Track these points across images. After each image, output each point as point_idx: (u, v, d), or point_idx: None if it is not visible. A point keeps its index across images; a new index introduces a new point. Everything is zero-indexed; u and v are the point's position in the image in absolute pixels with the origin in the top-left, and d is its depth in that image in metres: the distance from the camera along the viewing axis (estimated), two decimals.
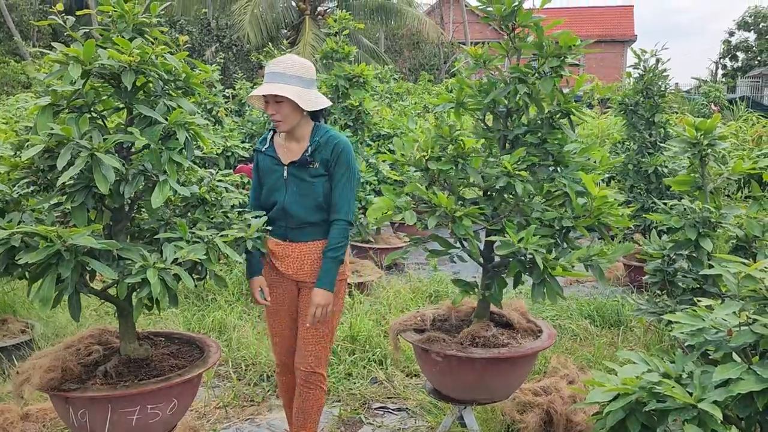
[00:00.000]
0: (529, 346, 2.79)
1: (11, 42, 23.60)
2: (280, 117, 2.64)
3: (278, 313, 2.87)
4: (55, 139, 2.31)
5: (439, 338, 2.94)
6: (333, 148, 2.68)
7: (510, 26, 2.75)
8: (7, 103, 12.57)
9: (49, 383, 2.47)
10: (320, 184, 2.68)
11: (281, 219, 2.75)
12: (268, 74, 2.64)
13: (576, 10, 35.92)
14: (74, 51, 2.34)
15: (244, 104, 8.79)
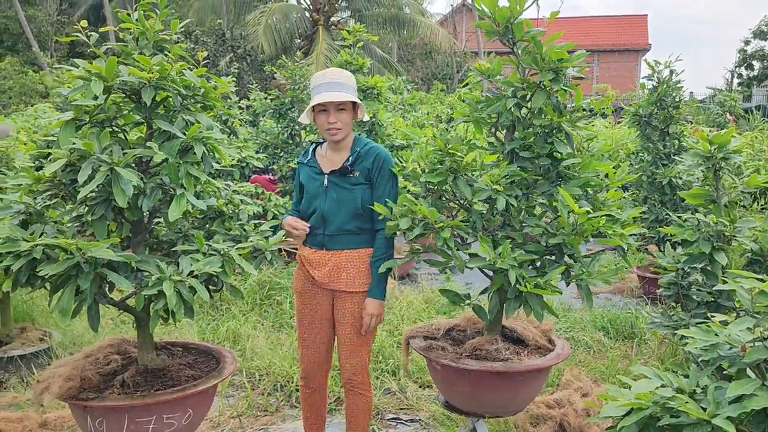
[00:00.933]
0: (528, 363, 2.74)
1: (30, 52, 23.97)
2: (341, 125, 2.75)
3: (311, 324, 2.90)
4: (77, 153, 2.37)
5: (438, 347, 2.95)
6: (375, 159, 2.78)
7: (511, 40, 2.76)
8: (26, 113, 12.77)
9: (67, 392, 2.51)
10: (359, 192, 2.77)
11: (319, 226, 2.81)
12: (328, 83, 2.74)
13: (590, 20, 35.88)
14: (97, 67, 2.39)
15: (259, 115, 8.87)
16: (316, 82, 2.79)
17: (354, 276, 2.79)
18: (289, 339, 4.61)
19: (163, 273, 2.37)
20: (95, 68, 2.40)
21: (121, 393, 2.55)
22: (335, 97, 2.69)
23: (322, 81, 2.77)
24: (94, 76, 2.40)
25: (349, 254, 2.79)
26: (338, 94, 2.70)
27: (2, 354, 4.01)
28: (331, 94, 2.70)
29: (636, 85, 28.96)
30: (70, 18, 28.29)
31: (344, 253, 2.79)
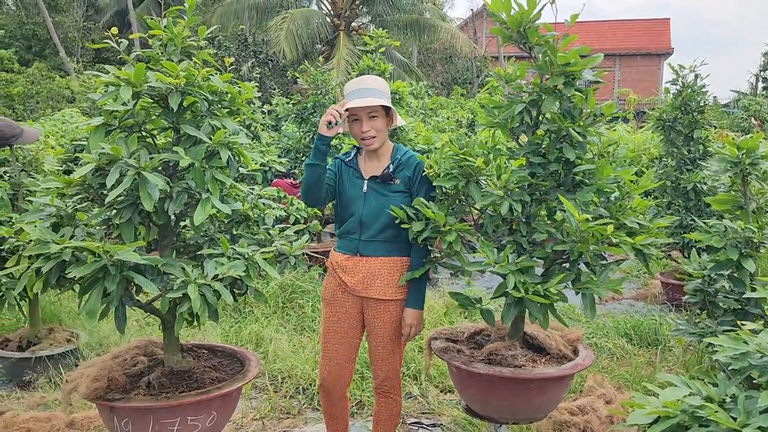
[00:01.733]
0: (539, 371, 2.70)
1: (57, 58, 24.43)
2: (374, 132, 2.73)
3: (337, 332, 2.87)
4: (105, 158, 2.41)
5: (454, 349, 2.95)
6: (416, 168, 2.79)
7: (527, 45, 2.74)
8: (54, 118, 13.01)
9: (95, 392, 2.55)
10: (398, 200, 2.76)
11: (355, 231, 2.81)
12: (360, 90, 2.72)
13: (612, 24, 35.58)
14: (126, 74, 2.44)
15: (281, 119, 8.93)
16: (348, 89, 2.78)
17: (387, 284, 2.78)
18: (311, 342, 4.63)
19: (188, 276, 2.40)
20: (124, 74, 2.44)
21: (147, 394, 2.58)
22: (364, 102, 2.66)
23: (353, 88, 2.76)
24: (123, 82, 2.44)
25: (383, 261, 2.78)
26: (367, 100, 2.67)
27: (30, 354, 4.09)
28: (360, 100, 2.68)
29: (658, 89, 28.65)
30: (95, 24, 28.78)
31: (378, 260, 2.78)
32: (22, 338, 4.28)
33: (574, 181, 2.76)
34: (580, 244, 2.51)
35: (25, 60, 23.97)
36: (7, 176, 4.23)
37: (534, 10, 2.62)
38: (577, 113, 2.72)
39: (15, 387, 4.11)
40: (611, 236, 2.47)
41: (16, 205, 4.15)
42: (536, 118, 2.78)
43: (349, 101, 2.72)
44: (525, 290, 2.52)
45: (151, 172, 2.38)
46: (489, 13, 2.81)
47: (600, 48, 2.76)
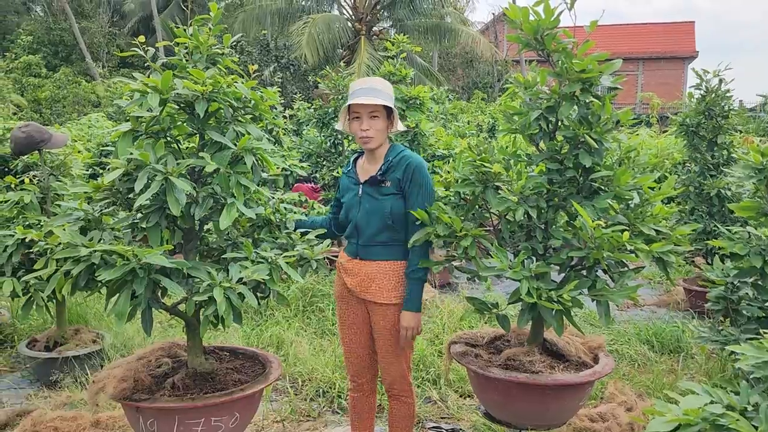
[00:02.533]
0: (555, 378, 2.68)
1: (83, 63, 24.86)
2: (372, 133, 2.74)
3: (350, 331, 2.96)
4: (133, 163, 2.47)
5: (472, 353, 2.95)
6: (405, 168, 2.76)
7: (545, 52, 2.74)
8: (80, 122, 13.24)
9: (121, 393, 2.61)
10: (389, 202, 2.76)
11: (354, 236, 2.86)
12: (364, 89, 2.73)
13: (635, 27, 35.25)
14: (153, 81, 2.49)
15: (302, 124, 9.00)
16: (353, 88, 2.81)
17: (384, 287, 2.80)
18: (331, 346, 4.67)
19: (214, 280, 2.45)
20: (152, 81, 2.49)
21: (172, 395, 2.63)
22: (367, 100, 2.68)
23: (358, 87, 2.78)
24: (151, 89, 2.50)
25: (380, 265, 2.81)
26: (370, 98, 2.69)
27: (57, 355, 4.17)
28: (363, 98, 2.70)
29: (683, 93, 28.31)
30: (121, 30, 29.25)
31: (375, 263, 2.81)
32: (49, 339, 4.37)
33: (592, 188, 2.75)
34: (595, 250, 2.51)
35: (52, 65, 24.44)
36: (36, 180, 4.33)
37: (551, 17, 2.63)
38: (594, 120, 2.71)
39: (42, 386, 4.20)
40: (627, 243, 2.47)
41: (45, 208, 4.25)
42: (554, 124, 2.79)
43: (352, 98, 2.75)
44: (538, 296, 2.53)
45: (177, 177, 2.43)
46: (506, 20, 2.82)
47: (623, 51, 2.76)
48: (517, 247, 2.85)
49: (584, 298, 2.63)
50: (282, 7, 21.62)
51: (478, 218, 2.98)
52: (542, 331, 2.97)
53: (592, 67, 2.58)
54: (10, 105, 16.33)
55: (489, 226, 3.03)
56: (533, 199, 2.72)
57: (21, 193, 4.09)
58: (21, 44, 23.87)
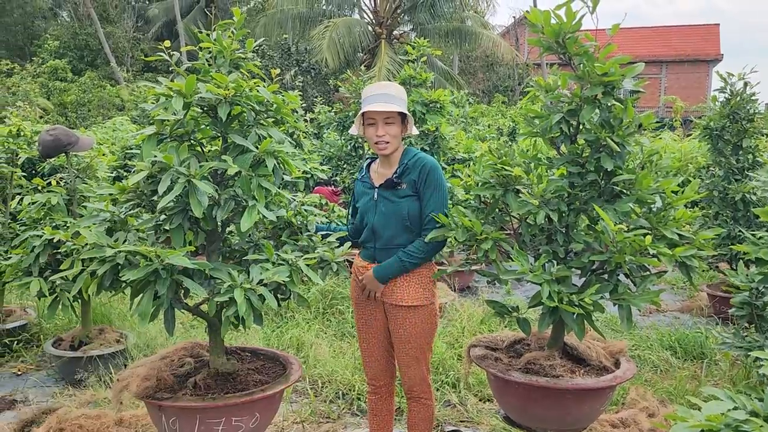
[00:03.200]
0: (576, 382, 2.66)
1: (108, 67, 25.26)
2: (388, 138, 2.77)
3: (368, 334, 2.98)
4: (158, 166, 2.51)
5: (492, 357, 2.95)
6: (420, 170, 2.78)
7: (566, 55, 2.73)
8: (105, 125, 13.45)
9: (144, 391, 2.65)
10: (406, 204, 2.78)
11: (371, 240, 2.87)
12: (379, 95, 2.76)
13: (659, 30, 34.87)
14: (177, 85, 2.54)
15: (323, 127, 9.05)
16: (367, 93, 2.82)
17: (403, 290, 2.81)
18: (351, 348, 4.69)
19: (235, 281, 2.48)
20: (176, 86, 2.54)
21: (194, 394, 2.67)
22: (382, 107, 2.70)
23: (372, 92, 2.80)
24: (175, 93, 2.54)
25: None
26: (385, 105, 2.71)
27: (82, 354, 4.24)
28: (378, 105, 2.72)
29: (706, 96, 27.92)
30: (144, 34, 29.67)
31: None
32: (74, 338, 4.45)
33: (613, 191, 2.74)
34: (617, 254, 2.49)
35: (78, 69, 24.88)
36: (63, 182, 4.42)
37: (573, 20, 2.62)
38: (616, 123, 2.69)
39: (67, 385, 4.27)
40: (649, 247, 2.45)
41: (71, 210, 4.33)
42: (576, 127, 2.78)
43: (367, 105, 2.76)
44: (559, 300, 2.52)
45: (200, 179, 2.47)
46: (528, 24, 2.82)
47: (646, 54, 2.74)
48: (538, 250, 2.84)
49: (605, 303, 2.61)
50: (303, 11, 21.77)
51: (498, 222, 2.97)
52: (563, 335, 2.96)
53: (614, 70, 2.56)
54: (37, 109, 16.64)
55: (509, 230, 3.02)
56: (554, 203, 2.71)
57: (48, 195, 4.18)
58: (48, 49, 24.34)
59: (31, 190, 4.71)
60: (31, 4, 28.00)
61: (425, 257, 2.81)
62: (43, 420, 3.58)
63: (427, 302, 2.84)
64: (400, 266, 2.77)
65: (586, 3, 2.65)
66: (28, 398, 4.12)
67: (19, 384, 4.36)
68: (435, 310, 2.90)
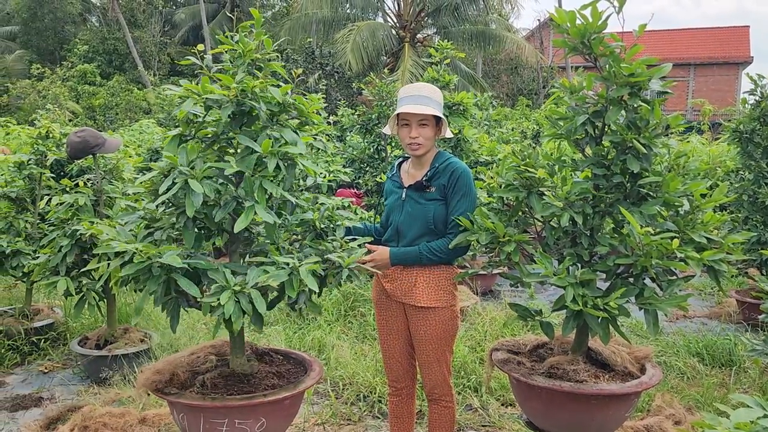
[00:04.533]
0: (600, 387, 2.62)
1: (135, 71, 25.66)
2: (422, 140, 2.76)
3: (389, 336, 2.97)
4: (167, 165, 2.54)
5: (515, 361, 2.91)
6: (450, 175, 2.77)
7: (592, 56, 2.69)
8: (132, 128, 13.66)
9: (152, 384, 2.67)
10: (432, 207, 2.77)
11: (394, 239, 2.87)
12: (414, 96, 2.75)
13: (687, 32, 34.37)
14: (193, 87, 2.58)
15: (346, 130, 9.08)
16: (403, 94, 2.82)
17: (425, 291, 2.79)
18: (372, 350, 4.68)
19: (227, 283, 2.43)
20: (192, 87, 2.57)
21: (199, 393, 2.66)
22: (417, 109, 2.70)
23: (407, 93, 2.79)
24: (190, 95, 2.59)
25: (422, 270, 2.81)
26: (420, 107, 2.71)
27: (107, 353, 4.30)
28: (413, 106, 2.72)
29: (736, 99, 27.41)
30: (171, 39, 30.08)
31: (417, 268, 2.81)
32: (99, 337, 4.51)
33: (639, 194, 2.69)
34: (643, 258, 2.45)
35: (106, 73, 25.32)
36: (90, 183, 4.49)
37: (599, 21, 2.59)
38: (642, 124, 2.65)
39: (92, 383, 4.33)
40: (677, 251, 2.40)
41: (98, 210, 4.39)
42: (601, 129, 2.74)
43: (402, 106, 2.76)
44: (584, 303, 2.48)
45: (200, 180, 2.46)
46: (553, 25, 2.79)
47: (673, 57, 2.69)
48: (562, 253, 2.80)
49: (630, 308, 2.57)
50: (327, 15, 21.89)
51: (521, 224, 2.95)
52: (587, 339, 2.92)
53: (640, 70, 2.53)
54: (67, 112, 16.96)
55: (531, 233, 3.00)
56: (579, 205, 2.68)
57: (76, 196, 4.25)
58: (77, 53, 24.83)
59: (59, 191, 4.79)
60: (62, 10, 28.54)
61: (446, 258, 2.80)
62: (69, 417, 3.63)
63: (447, 304, 2.82)
64: (417, 257, 2.77)
65: (612, 3, 2.62)
66: (55, 396, 4.19)
67: (46, 382, 4.43)
68: (455, 312, 2.88)
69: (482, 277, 6.76)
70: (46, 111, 9.46)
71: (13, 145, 9.50)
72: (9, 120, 10.41)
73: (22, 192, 4.90)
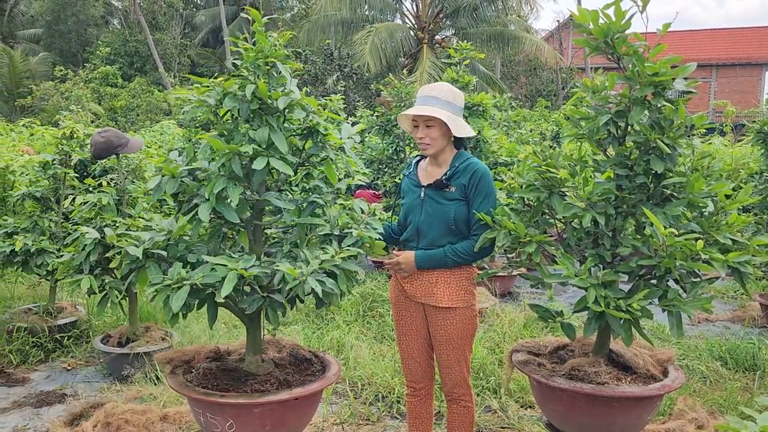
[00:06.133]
0: (622, 390, 2.60)
1: (156, 73, 25.92)
2: (428, 140, 2.77)
3: (407, 336, 2.96)
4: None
5: (535, 362, 2.90)
6: (471, 175, 2.76)
7: (615, 55, 2.67)
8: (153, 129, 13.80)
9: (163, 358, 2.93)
10: (453, 208, 2.76)
11: (414, 239, 2.86)
12: (422, 97, 2.79)
13: (709, 33, 33.94)
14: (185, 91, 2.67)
15: (365, 131, 9.09)
16: (417, 94, 2.86)
17: (446, 291, 2.79)
18: (390, 351, 4.68)
19: (181, 274, 2.46)
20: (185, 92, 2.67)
21: (193, 380, 2.78)
22: (418, 111, 2.73)
23: (420, 94, 2.82)
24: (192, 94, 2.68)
25: (443, 270, 2.80)
26: (424, 108, 2.73)
27: (129, 350, 4.35)
28: (418, 107, 2.75)
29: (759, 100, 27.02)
30: (192, 41, 30.35)
31: (438, 268, 2.81)
32: (121, 335, 4.56)
33: (663, 195, 2.66)
34: (666, 259, 2.43)
35: (127, 75, 25.61)
36: (113, 183, 4.54)
37: (622, 20, 2.57)
38: (666, 124, 2.62)
39: (115, 380, 4.38)
40: (701, 252, 2.38)
41: (121, 209, 4.45)
42: (624, 129, 2.72)
43: (410, 108, 2.80)
44: (606, 305, 2.46)
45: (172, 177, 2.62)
46: (574, 24, 2.77)
47: (695, 58, 2.66)
48: (583, 254, 2.79)
49: (652, 310, 2.54)
50: (346, 17, 21.95)
51: (542, 225, 2.93)
52: (608, 341, 2.90)
53: (665, 70, 2.50)
54: (89, 113, 17.18)
55: (552, 234, 2.98)
56: (601, 206, 2.66)
57: (99, 195, 4.31)
58: (99, 55, 25.13)
59: (83, 190, 4.86)
60: (84, 13, 28.92)
61: (470, 260, 2.80)
62: (92, 414, 3.68)
63: (467, 304, 2.82)
64: (443, 260, 2.76)
65: (636, 2, 2.60)
66: (78, 392, 4.25)
67: (69, 379, 4.49)
68: (475, 311, 2.88)
69: (500, 278, 6.74)
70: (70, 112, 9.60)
71: (38, 146, 9.64)
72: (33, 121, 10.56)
73: (47, 191, 4.97)
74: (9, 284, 6.58)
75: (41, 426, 3.72)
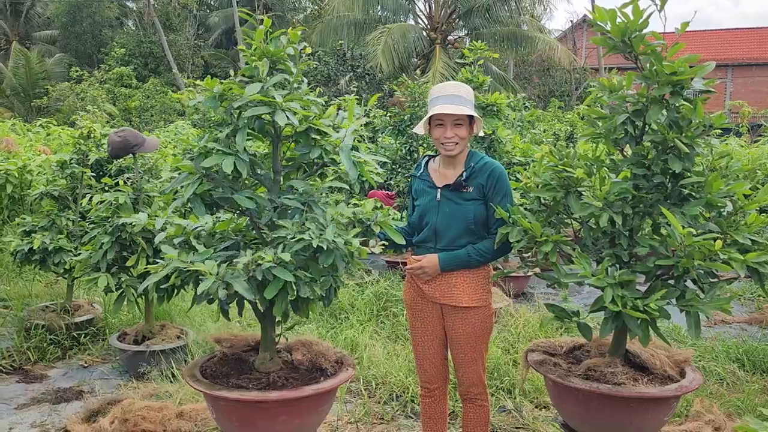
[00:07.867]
0: (638, 390, 2.59)
1: (170, 74, 26.09)
2: (457, 140, 2.75)
3: (423, 337, 2.95)
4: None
5: (551, 362, 2.89)
6: (489, 174, 2.76)
7: (632, 54, 2.65)
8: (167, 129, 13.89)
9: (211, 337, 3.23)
10: (472, 207, 2.76)
11: (431, 240, 2.84)
12: (449, 96, 2.73)
13: (725, 33, 33.64)
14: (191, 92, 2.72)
15: (378, 131, 9.11)
16: (435, 93, 2.80)
17: (465, 291, 2.78)
18: (404, 350, 4.68)
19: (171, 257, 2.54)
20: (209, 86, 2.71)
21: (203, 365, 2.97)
22: (453, 110, 2.68)
23: (440, 93, 2.77)
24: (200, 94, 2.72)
25: (462, 270, 2.80)
26: (456, 107, 2.69)
27: (145, 348, 4.39)
28: (448, 106, 2.69)
29: None
30: (205, 42, 30.53)
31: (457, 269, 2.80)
32: (138, 333, 4.60)
33: (681, 195, 2.65)
34: (684, 259, 2.41)
35: (142, 76, 25.80)
36: (130, 182, 4.58)
37: (640, 19, 2.56)
38: (684, 124, 2.60)
39: (131, 377, 4.42)
40: (720, 252, 2.36)
41: (137, 208, 4.49)
42: (641, 128, 2.71)
43: (434, 105, 2.73)
44: (623, 304, 2.45)
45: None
46: (591, 23, 2.76)
47: (711, 58, 2.63)
48: (600, 254, 2.77)
49: (669, 311, 2.53)
50: (359, 17, 21.98)
51: (558, 224, 2.92)
52: (625, 341, 2.88)
53: (683, 69, 2.49)
54: (104, 114, 17.34)
55: (567, 233, 2.97)
56: (618, 205, 2.65)
57: (116, 194, 4.35)
58: (114, 56, 25.34)
59: (99, 189, 4.91)
60: (100, 14, 29.20)
61: (492, 258, 2.80)
62: (108, 410, 3.71)
63: (485, 303, 2.82)
64: (466, 260, 2.76)
65: (654, 1, 2.59)
66: (95, 389, 4.29)
67: (86, 375, 4.54)
68: (492, 310, 2.88)
69: (515, 279, 6.71)
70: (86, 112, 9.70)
71: (54, 146, 9.75)
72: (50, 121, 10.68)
73: (64, 190, 5.03)
74: (27, 282, 6.65)
75: (59, 422, 3.76)
